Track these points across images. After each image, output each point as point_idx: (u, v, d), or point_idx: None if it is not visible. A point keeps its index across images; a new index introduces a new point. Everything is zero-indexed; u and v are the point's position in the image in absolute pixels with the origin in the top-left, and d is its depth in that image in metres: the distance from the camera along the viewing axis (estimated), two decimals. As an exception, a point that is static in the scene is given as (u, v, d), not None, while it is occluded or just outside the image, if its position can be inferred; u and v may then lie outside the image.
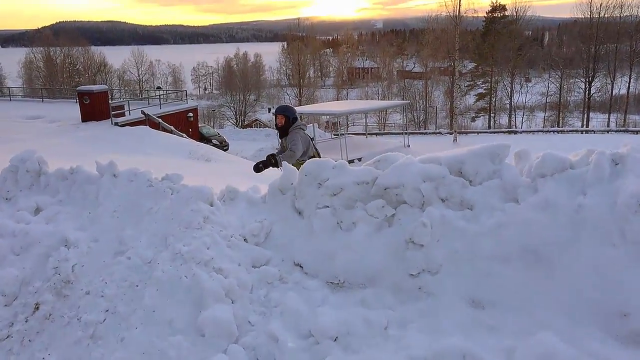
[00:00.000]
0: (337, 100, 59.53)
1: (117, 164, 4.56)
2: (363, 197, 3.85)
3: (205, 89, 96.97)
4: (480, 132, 36.53)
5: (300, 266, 3.89)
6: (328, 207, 3.93)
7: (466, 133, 34.33)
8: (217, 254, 3.76)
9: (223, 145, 31.38)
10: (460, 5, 34.36)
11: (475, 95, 57.25)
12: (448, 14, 35.66)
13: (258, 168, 6.49)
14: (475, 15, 41.40)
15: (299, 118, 6.70)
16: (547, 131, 37.15)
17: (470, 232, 3.46)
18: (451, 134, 32.17)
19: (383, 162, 3.97)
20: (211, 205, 4.16)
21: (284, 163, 4.99)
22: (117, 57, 77.31)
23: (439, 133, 35.45)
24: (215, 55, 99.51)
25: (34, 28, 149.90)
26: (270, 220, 4.12)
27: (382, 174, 3.82)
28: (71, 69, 67.16)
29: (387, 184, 3.75)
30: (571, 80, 54.37)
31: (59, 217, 4.28)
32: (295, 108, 6.74)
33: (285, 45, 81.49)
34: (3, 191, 4.63)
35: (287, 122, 6.60)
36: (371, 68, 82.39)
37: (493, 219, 3.47)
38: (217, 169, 14.88)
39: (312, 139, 7.08)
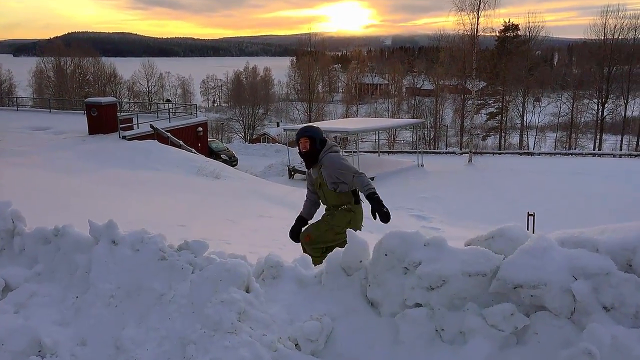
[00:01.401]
0: (346, 115, 59.34)
1: (117, 226, 3.42)
2: (477, 295, 2.73)
3: (214, 101, 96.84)
4: (495, 153, 35.82)
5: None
6: (422, 305, 2.80)
7: (481, 153, 33.55)
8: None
9: (232, 161, 30.83)
10: (478, 24, 33.79)
11: (486, 114, 56.63)
12: (465, 32, 35.07)
13: (297, 237, 5.12)
14: (492, 34, 40.92)
15: (327, 139, 5.09)
16: (565, 154, 36.39)
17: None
18: (465, 153, 31.50)
19: (500, 238, 2.80)
20: (247, 291, 3.00)
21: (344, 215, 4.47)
22: (127, 68, 77.47)
23: (453, 153, 34.65)
24: (224, 68, 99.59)
25: (46, 38, 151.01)
26: (331, 314, 2.93)
27: (507, 263, 2.65)
28: (81, 79, 67.06)
29: (517, 280, 2.60)
30: (584, 101, 53.67)
31: (33, 303, 3.16)
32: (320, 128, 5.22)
33: (295, 60, 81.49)
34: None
35: (313, 145, 4.95)
36: (380, 84, 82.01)
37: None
38: (229, 188, 14.59)
39: None
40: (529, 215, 14.33)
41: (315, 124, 5.88)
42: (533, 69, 54.55)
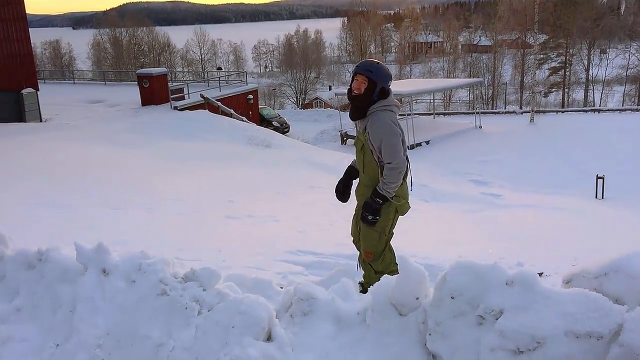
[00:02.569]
0: (400, 76, 57.71)
1: (109, 250, 2.81)
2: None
3: (265, 67, 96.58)
4: (559, 111, 33.87)
5: None
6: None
7: (543, 112, 31.73)
8: None
9: (284, 128, 30.40)
10: (540, -27, 31.57)
11: (548, 69, 53.78)
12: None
13: (343, 195, 4.11)
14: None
15: (390, 91, 3.75)
16: (635, 109, 34.10)
17: None
18: (527, 112, 29.92)
19: (617, 276, 1.95)
20: (269, 339, 2.34)
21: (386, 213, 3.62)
22: (180, 37, 77.84)
23: (513, 112, 32.99)
24: (275, 32, 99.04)
25: (103, 10, 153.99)
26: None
27: (632, 320, 1.82)
28: (136, 50, 68.10)
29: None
30: (655, 52, 50.19)
31: (6, 352, 2.55)
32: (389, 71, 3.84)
33: (346, 21, 79.74)
34: None
35: (370, 91, 3.63)
36: (434, 42, 78.97)
37: None
38: (279, 157, 14.35)
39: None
40: (597, 178, 13.79)
41: (382, 64, 3.75)
42: (599, 19, 51.20)
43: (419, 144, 21.58)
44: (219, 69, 63.99)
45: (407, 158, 3.72)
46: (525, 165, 17.93)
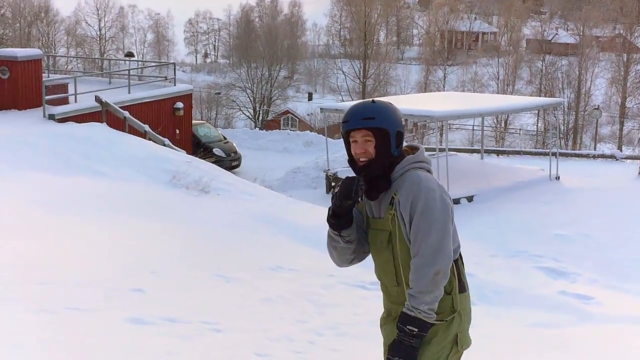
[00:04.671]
0: (426, 85, 43.82)
1: None
2: None
3: (205, 55, 76.25)
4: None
5: None
6: None
7: None
8: None
9: (232, 160, 24.73)
10: None
11: None
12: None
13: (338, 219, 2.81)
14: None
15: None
16: None
17: None
18: (634, 159, 23.08)
19: None
20: None
21: None
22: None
23: (611, 157, 25.64)
24: (224, 1, 75.35)
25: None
26: None
27: None
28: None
29: None
30: None
31: None
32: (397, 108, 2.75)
33: (342, -9, 61.39)
34: None
35: (382, 147, 2.70)
36: (484, 33, 60.79)
37: None
38: (224, 212, 12.14)
39: None
40: None
41: (383, 100, 2.80)
42: None
43: (457, 201, 16.62)
44: (129, 55, 46.16)
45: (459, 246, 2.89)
46: (632, 247, 14.48)
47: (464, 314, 2.81)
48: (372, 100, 2.88)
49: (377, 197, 2.77)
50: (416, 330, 2.64)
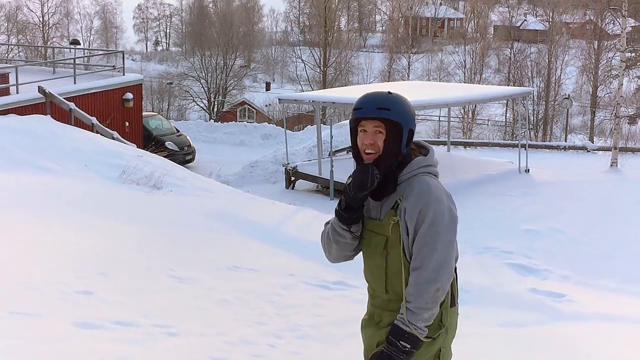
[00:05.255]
0: (389, 74, 42.10)
1: None
2: None
3: (156, 43, 76.96)
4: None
5: None
6: None
7: (633, 151, 23.79)
8: None
9: (185, 153, 24.16)
10: None
11: (638, 77, 37.09)
12: None
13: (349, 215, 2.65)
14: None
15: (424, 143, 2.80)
16: None
17: None
18: (605, 150, 22.32)
19: None
20: None
21: None
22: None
23: (582, 149, 25.09)
24: None
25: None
26: None
27: None
28: None
29: None
30: None
31: None
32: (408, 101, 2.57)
33: (301, -25, 61.81)
34: None
35: (392, 142, 2.56)
36: (449, 19, 59.72)
37: None
38: (177, 209, 12.00)
39: None
40: None
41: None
42: None
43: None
44: (75, 43, 46.87)
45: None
46: (605, 241, 14.41)
47: (450, 329, 2.77)
48: (389, 91, 2.77)
49: (381, 198, 2.70)
50: (409, 346, 2.60)
